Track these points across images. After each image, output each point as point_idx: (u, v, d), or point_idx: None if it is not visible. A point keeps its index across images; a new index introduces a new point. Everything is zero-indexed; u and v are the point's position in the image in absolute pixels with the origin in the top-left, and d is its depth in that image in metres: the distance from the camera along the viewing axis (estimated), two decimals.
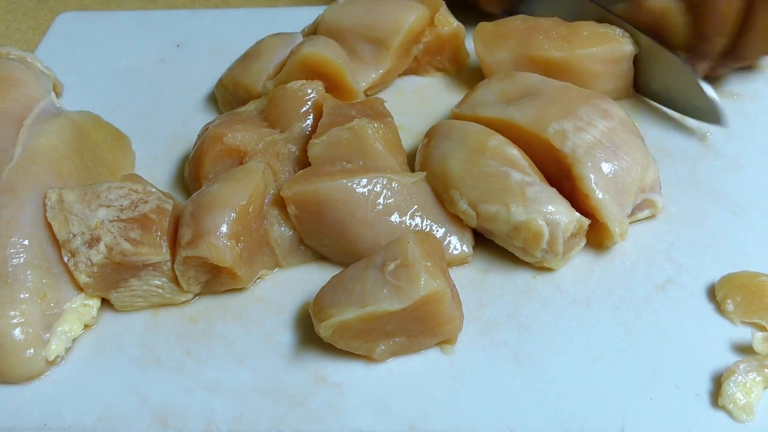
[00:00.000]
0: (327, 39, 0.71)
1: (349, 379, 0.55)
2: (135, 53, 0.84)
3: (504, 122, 0.61)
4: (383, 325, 0.52)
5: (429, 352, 0.56)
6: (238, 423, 0.53)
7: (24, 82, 0.67)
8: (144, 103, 0.78)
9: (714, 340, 0.55)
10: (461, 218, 0.60)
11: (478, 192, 0.58)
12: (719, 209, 0.63)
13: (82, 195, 0.58)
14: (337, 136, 0.61)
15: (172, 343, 0.58)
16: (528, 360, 0.55)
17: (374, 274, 0.53)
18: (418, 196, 0.60)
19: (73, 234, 0.57)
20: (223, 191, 0.58)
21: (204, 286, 0.59)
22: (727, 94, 0.73)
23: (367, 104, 0.65)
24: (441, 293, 0.51)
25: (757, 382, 0.51)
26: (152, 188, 0.60)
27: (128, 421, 0.54)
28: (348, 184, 0.58)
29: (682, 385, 0.53)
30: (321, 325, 0.52)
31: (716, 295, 0.57)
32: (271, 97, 0.67)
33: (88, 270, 0.57)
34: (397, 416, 0.53)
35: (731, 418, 0.51)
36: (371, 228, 0.59)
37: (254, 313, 0.59)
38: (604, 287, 0.59)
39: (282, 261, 0.62)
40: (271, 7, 0.89)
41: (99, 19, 0.89)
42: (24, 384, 0.56)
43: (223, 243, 0.56)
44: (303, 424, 0.53)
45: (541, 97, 0.62)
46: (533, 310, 0.58)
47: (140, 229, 0.57)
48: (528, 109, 0.61)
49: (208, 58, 0.82)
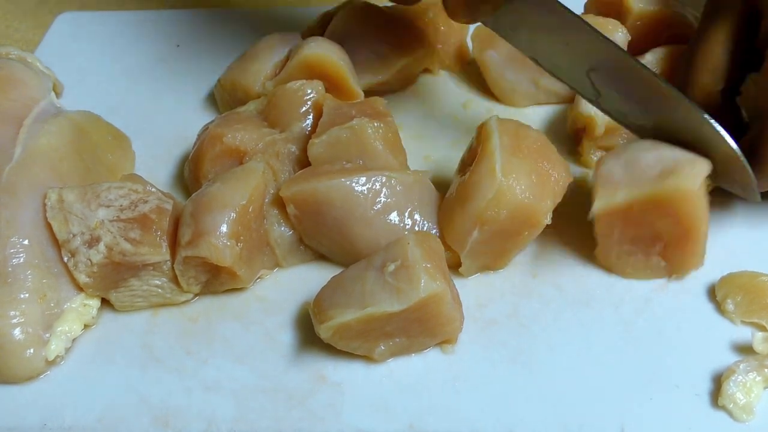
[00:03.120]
0: (327, 40, 0.71)
1: (349, 378, 0.55)
2: (135, 53, 0.84)
3: None
4: (383, 326, 0.52)
5: (429, 352, 0.56)
6: (238, 423, 0.53)
7: (24, 82, 0.67)
8: (144, 103, 0.78)
9: (714, 340, 0.55)
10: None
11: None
12: (718, 209, 0.63)
13: (82, 195, 0.58)
14: (337, 136, 0.61)
15: (172, 343, 0.58)
16: (528, 360, 0.55)
17: (374, 275, 0.53)
18: (418, 194, 0.60)
19: (73, 234, 0.57)
20: (223, 191, 0.58)
21: (204, 285, 0.59)
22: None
23: (368, 104, 0.65)
24: (441, 294, 0.51)
25: (757, 382, 0.51)
26: (152, 188, 0.60)
27: (128, 421, 0.54)
28: (347, 183, 0.58)
29: (682, 385, 0.53)
30: (321, 327, 0.52)
31: (716, 295, 0.57)
32: (270, 97, 0.67)
33: (88, 270, 0.57)
34: (397, 416, 0.53)
35: (731, 418, 0.51)
36: (371, 227, 0.59)
37: (254, 312, 0.59)
38: (604, 287, 0.59)
39: (282, 261, 0.62)
40: (271, 7, 0.89)
41: (99, 19, 0.89)
42: (24, 384, 0.56)
43: (223, 243, 0.56)
44: (303, 424, 0.53)
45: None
46: (533, 310, 0.58)
47: (140, 229, 0.57)
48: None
49: (208, 58, 0.82)
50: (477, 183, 0.56)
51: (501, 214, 0.55)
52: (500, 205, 0.55)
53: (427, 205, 0.60)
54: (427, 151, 0.70)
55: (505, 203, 0.55)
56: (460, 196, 0.58)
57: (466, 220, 0.56)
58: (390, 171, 0.60)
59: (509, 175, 0.55)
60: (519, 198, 0.55)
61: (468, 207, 0.56)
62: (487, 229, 0.56)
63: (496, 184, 0.55)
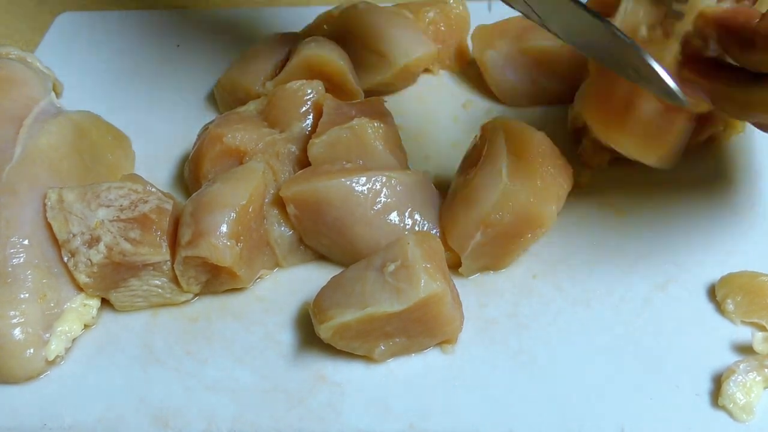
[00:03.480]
0: (327, 40, 0.71)
1: (349, 378, 0.55)
2: (135, 53, 0.84)
3: None
4: (383, 326, 0.52)
5: (429, 351, 0.56)
6: (238, 423, 0.53)
7: (24, 82, 0.67)
8: (144, 103, 0.78)
9: (714, 340, 0.55)
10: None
11: None
12: (719, 209, 0.63)
13: (82, 195, 0.58)
14: (337, 136, 0.61)
15: (172, 343, 0.58)
16: (528, 360, 0.55)
17: (374, 276, 0.53)
18: (418, 194, 0.60)
19: (73, 234, 0.57)
20: (223, 191, 0.58)
21: (204, 285, 0.59)
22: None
23: (368, 104, 0.65)
24: (441, 295, 0.51)
25: (757, 382, 0.51)
26: (152, 188, 0.60)
27: (128, 421, 0.54)
28: (347, 183, 0.58)
29: (682, 385, 0.53)
30: (321, 327, 0.52)
31: (716, 295, 0.57)
32: (270, 97, 0.67)
33: (88, 270, 0.57)
34: (397, 416, 0.53)
35: (731, 418, 0.51)
36: (371, 227, 0.59)
37: (254, 312, 0.59)
38: (604, 287, 0.59)
39: (282, 261, 0.62)
40: (271, 7, 0.89)
41: (99, 19, 0.89)
42: (24, 384, 0.56)
43: (223, 243, 0.56)
44: (303, 424, 0.53)
45: None
46: (533, 310, 0.58)
47: (140, 229, 0.57)
48: None
49: (208, 58, 0.82)
50: (482, 185, 0.56)
51: (505, 217, 0.55)
52: (505, 208, 0.55)
53: (427, 205, 0.60)
54: (427, 151, 0.70)
55: (509, 207, 0.55)
56: (463, 197, 0.58)
57: (470, 223, 0.56)
58: (390, 171, 0.60)
59: (515, 179, 0.55)
60: (524, 202, 0.55)
61: (472, 209, 0.56)
62: (490, 232, 0.56)
63: (502, 187, 0.55)
